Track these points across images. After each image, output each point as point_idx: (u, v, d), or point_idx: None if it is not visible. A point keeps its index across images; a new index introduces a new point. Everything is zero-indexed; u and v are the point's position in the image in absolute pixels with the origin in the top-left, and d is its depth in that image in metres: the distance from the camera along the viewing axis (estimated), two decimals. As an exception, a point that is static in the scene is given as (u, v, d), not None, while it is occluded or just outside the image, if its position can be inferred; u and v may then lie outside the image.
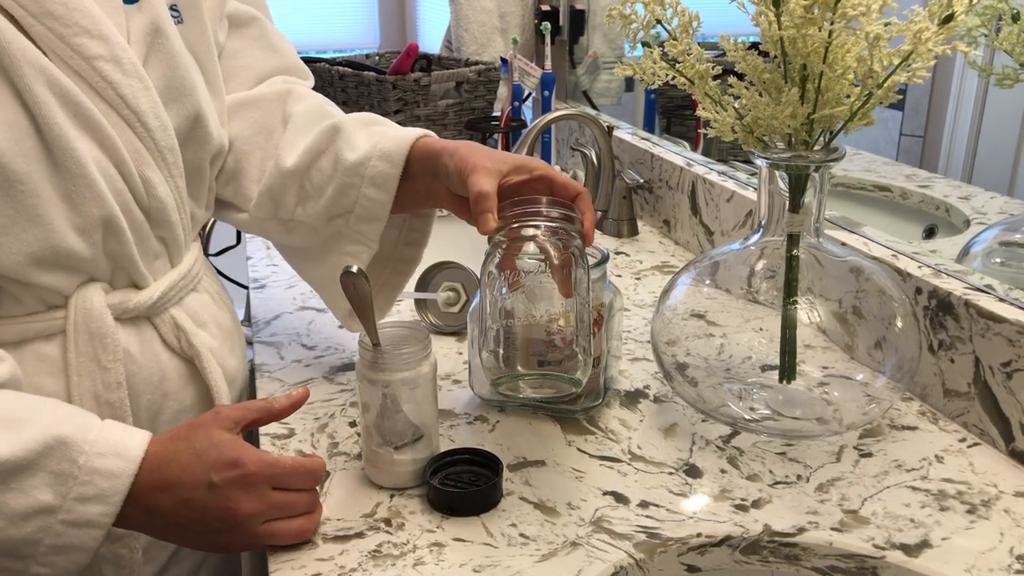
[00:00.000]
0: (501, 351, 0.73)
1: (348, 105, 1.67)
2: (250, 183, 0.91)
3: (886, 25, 0.70)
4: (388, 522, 0.72)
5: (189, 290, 0.86)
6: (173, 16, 0.82)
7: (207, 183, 0.88)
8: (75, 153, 0.70)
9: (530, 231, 0.74)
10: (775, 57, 0.75)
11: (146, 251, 0.79)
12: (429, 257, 1.20)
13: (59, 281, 0.74)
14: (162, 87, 0.78)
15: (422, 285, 1.10)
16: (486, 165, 0.76)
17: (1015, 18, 0.93)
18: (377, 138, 0.85)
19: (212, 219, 1.68)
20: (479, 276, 0.75)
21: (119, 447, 0.66)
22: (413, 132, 0.85)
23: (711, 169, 1.34)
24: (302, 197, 0.89)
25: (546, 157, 1.73)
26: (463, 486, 0.75)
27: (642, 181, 1.45)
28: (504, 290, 0.73)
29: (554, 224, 0.74)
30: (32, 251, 0.71)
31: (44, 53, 0.70)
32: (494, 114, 1.76)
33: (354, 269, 0.72)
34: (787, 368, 0.82)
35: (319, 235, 0.90)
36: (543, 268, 0.73)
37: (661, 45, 0.80)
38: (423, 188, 0.85)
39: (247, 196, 0.91)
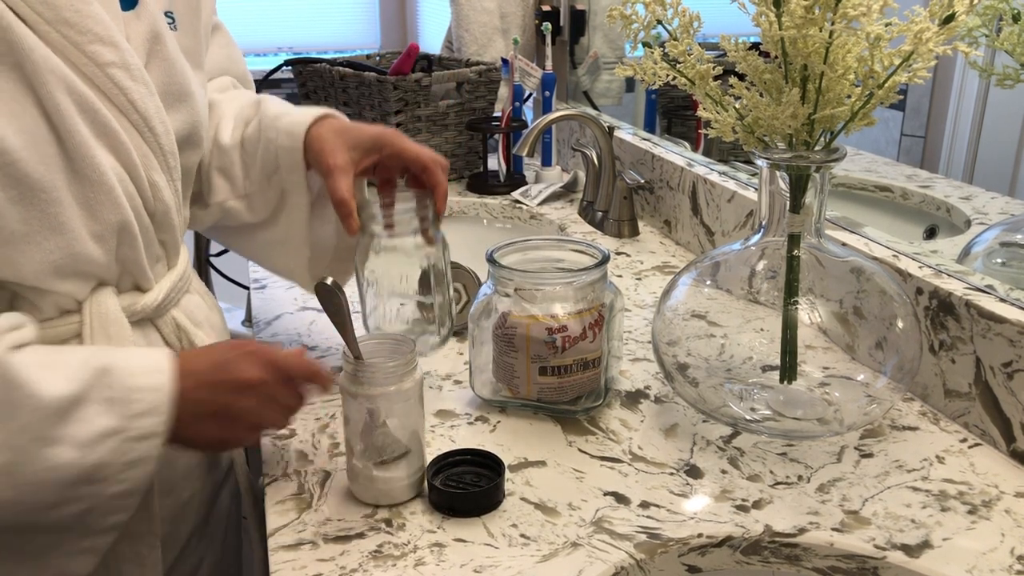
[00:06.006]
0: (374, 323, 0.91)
1: (349, 106, 1.67)
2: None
3: (887, 25, 0.70)
4: (389, 522, 0.73)
5: (184, 291, 0.87)
6: (168, 22, 0.83)
7: (192, 185, 0.90)
8: (94, 160, 0.71)
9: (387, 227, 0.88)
10: (776, 57, 0.75)
11: (151, 254, 0.80)
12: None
13: (75, 287, 0.75)
14: (162, 93, 0.79)
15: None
16: (338, 163, 0.84)
17: (1016, 18, 0.93)
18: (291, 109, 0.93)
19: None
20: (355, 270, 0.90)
21: (151, 364, 0.71)
22: (313, 113, 0.90)
23: (712, 169, 1.34)
24: (246, 166, 0.93)
25: (547, 157, 1.73)
26: (465, 487, 0.75)
27: (643, 181, 1.45)
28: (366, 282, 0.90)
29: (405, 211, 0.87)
30: (54, 259, 0.71)
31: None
32: (495, 114, 1.76)
33: (328, 281, 0.72)
34: (788, 368, 0.82)
35: (270, 202, 0.94)
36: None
37: (662, 45, 0.80)
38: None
39: (209, 187, 0.94)
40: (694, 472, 0.79)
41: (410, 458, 0.75)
